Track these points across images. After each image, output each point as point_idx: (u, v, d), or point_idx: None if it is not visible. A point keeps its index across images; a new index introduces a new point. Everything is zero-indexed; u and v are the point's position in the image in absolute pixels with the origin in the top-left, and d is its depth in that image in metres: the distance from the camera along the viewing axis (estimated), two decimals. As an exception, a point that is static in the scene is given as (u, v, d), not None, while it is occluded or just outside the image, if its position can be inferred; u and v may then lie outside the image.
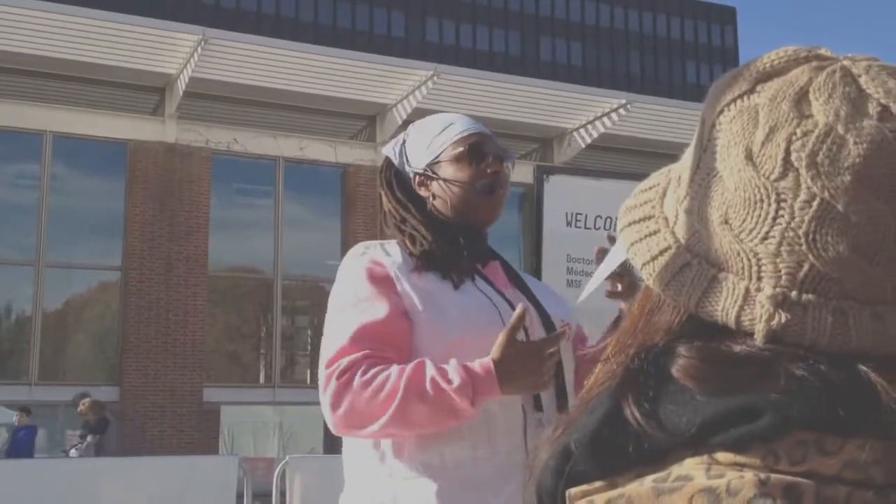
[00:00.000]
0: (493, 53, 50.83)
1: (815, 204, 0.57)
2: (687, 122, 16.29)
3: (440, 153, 1.90)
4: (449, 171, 1.89)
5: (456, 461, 1.69)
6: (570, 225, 3.52)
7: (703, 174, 0.63)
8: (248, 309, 16.88)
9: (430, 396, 1.62)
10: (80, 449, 10.62)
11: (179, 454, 12.48)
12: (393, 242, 1.87)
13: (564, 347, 1.86)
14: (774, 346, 0.58)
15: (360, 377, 1.65)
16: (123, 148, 15.04)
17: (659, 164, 0.74)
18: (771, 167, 0.59)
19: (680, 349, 0.60)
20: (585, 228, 3.52)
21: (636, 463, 0.58)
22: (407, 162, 1.95)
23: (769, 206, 0.59)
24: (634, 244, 0.67)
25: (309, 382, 15.06)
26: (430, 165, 1.91)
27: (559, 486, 0.60)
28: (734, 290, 0.60)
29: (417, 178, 1.93)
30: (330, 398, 1.67)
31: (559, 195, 3.51)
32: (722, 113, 0.63)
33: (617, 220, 0.72)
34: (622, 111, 16.62)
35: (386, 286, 1.77)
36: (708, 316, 0.61)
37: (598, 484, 0.59)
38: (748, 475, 0.54)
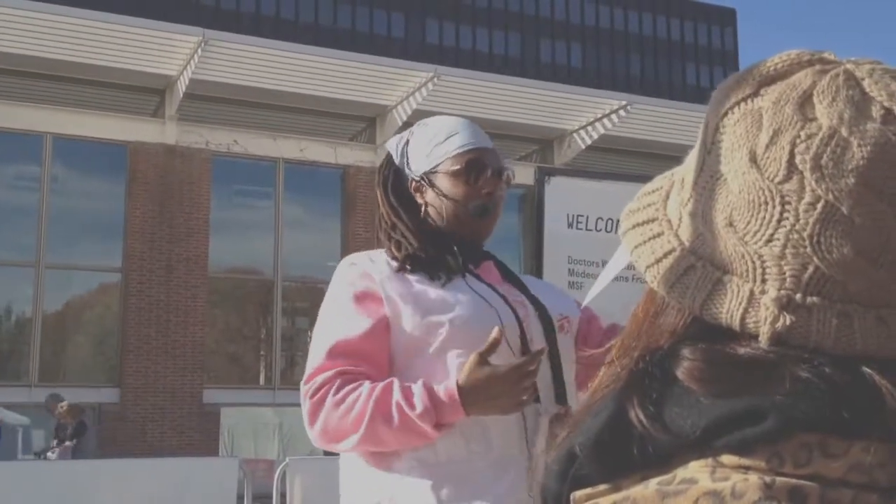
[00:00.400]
0: (493, 55, 50.83)
1: (819, 206, 0.57)
2: (687, 123, 16.28)
3: (438, 164, 1.89)
4: (445, 184, 1.88)
5: (450, 456, 1.70)
6: (571, 227, 3.51)
7: (706, 177, 0.63)
8: (248, 310, 16.89)
9: (394, 421, 1.64)
10: (56, 452, 10.58)
11: (179, 456, 12.48)
12: (381, 251, 1.89)
13: (564, 340, 1.86)
14: (779, 348, 0.58)
15: (332, 396, 1.69)
16: (123, 149, 15.04)
17: (659, 165, 0.75)
18: (775, 170, 0.59)
19: (684, 351, 0.60)
20: (587, 230, 3.51)
21: (641, 466, 0.58)
22: (407, 164, 1.95)
23: (773, 208, 0.59)
24: (638, 247, 0.67)
25: (309, 384, 14.99)
26: (427, 174, 1.90)
27: (564, 489, 0.60)
28: (739, 292, 0.60)
29: (414, 183, 1.93)
30: (306, 415, 1.72)
31: (560, 197, 3.50)
32: (726, 116, 0.63)
33: (619, 222, 0.72)
34: (622, 112, 16.60)
35: (368, 299, 1.78)
36: (712, 318, 0.61)
37: (602, 487, 0.59)
38: (753, 478, 0.54)
